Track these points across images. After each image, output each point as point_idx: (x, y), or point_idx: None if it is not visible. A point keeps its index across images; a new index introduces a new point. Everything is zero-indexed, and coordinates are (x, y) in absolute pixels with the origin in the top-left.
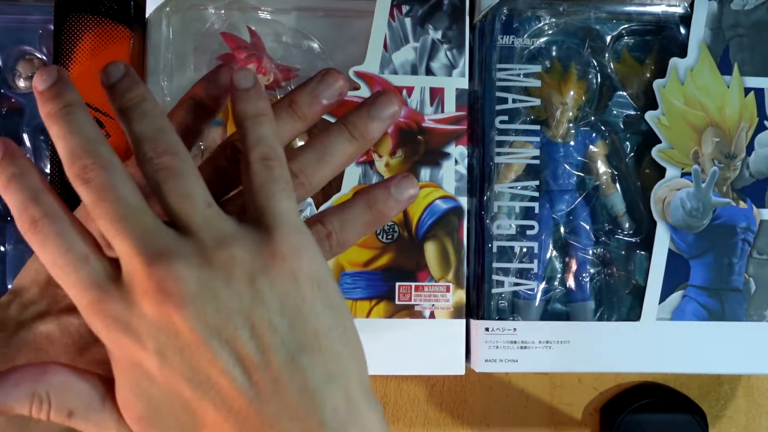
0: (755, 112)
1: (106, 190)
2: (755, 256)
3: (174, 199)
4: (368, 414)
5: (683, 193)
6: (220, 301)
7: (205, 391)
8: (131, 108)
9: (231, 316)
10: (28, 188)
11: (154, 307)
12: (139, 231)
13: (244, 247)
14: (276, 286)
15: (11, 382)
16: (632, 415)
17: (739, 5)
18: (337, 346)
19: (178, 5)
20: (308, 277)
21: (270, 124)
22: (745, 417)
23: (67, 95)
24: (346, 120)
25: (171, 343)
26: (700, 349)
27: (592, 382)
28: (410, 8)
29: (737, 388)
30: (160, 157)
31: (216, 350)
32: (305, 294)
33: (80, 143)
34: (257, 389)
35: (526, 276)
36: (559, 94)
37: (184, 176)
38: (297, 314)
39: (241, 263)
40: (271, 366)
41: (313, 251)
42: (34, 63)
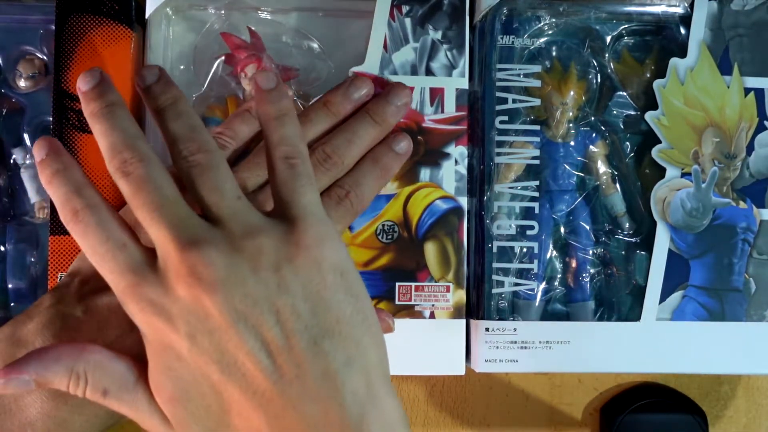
0: (755, 112)
1: (144, 182)
2: (755, 256)
3: (206, 192)
4: (387, 399)
5: (683, 193)
6: (248, 287)
7: (231, 373)
8: (166, 109)
9: (257, 301)
10: (70, 182)
11: (187, 291)
12: (174, 220)
13: (271, 237)
14: (300, 274)
15: (51, 357)
16: (632, 415)
17: (739, 5)
18: (358, 332)
19: (179, 6)
20: (331, 266)
21: (292, 124)
22: (745, 417)
23: (108, 95)
24: (368, 108)
25: (201, 325)
26: (700, 349)
27: (592, 382)
28: (410, 8)
29: (737, 388)
30: (193, 154)
31: (243, 334)
32: (328, 281)
33: (120, 139)
34: (281, 372)
35: (526, 276)
36: (559, 94)
37: (215, 171)
38: (319, 301)
39: (267, 252)
40: (294, 350)
41: (335, 241)
42: (34, 63)
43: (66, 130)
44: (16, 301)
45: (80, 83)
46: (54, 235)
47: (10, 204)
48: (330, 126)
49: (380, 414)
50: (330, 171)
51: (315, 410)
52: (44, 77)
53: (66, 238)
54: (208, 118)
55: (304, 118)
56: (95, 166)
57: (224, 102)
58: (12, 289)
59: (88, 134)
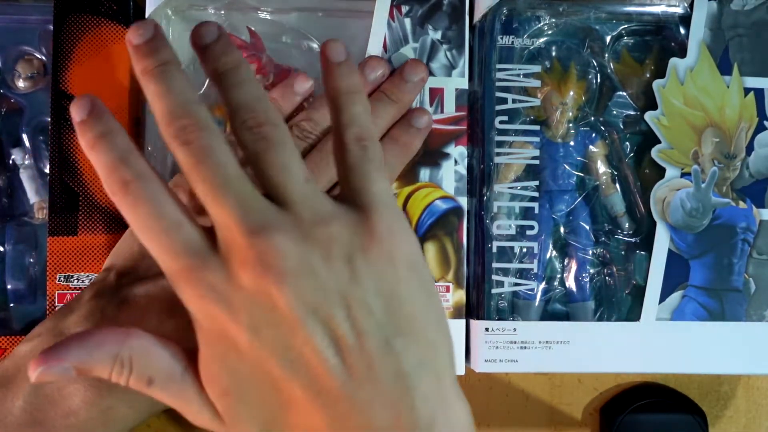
0: (755, 112)
1: (206, 154)
2: (755, 256)
3: (273, 171)
4: (457, 403)
5: (683, 193)
6: (319, 279)
7: (295, 369)
8: (228, 73)
9: (328, 295)
10: (117, 148)
11: (253, 280)
12: (240, 200)
13: (343, 226)
14: (373, 267)
15: (94, 342)
16: (632, 415)
17: (738, 5)
18: (430, 332)
19: (178, 6)
20: (404, 259)
21: (364, 102)
22: (745, 417)
23: (163, 52)
24: (384, 88)
25: (266, 317)
26: (700, 349)
27: (592, 382)
28: (410, 8)
29: (737, 388)
30: (260, 126)
31: (311, 329)
32: (401, 276)
33: (179, 103)
34: (350, 372)
35: (526, 276)
36: (559, 94)
37: (283, 148)
38: (392, 297)
39: (339, 242)
40: (365, 349)
41: (408, 233)
42: (33, 63)
43: (64, 130)
44: (15, 302)
45: (132, 36)
46: (53, 235)
47: (8, 204)
48: (393, 115)
49: (450, 419)
50: None
51: (384, 414)
52: (43, 77)
53: (65, 239)
54: None
55: (323, 102)
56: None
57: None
58: (11, 289)
59: None
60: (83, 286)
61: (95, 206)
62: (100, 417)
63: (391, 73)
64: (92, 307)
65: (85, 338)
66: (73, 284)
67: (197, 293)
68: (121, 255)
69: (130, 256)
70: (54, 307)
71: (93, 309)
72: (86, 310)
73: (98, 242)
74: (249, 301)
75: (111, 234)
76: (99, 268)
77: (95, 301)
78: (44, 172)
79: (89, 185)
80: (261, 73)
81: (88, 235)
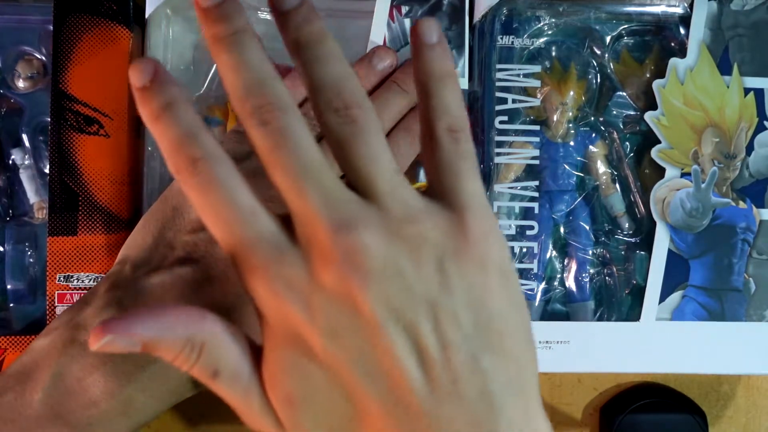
0: (755, 112)
1: (286, 137)
2: (755, 256)
3: (360, 160)
4: (542, 424)
5: (683, 193)
6: (406, 284)
7: (372, 379)
8: (311, 45)
9: (415, 301)
10: (185, 121)
11: (336, 280)
12: (323, 191)
13: (435, 226)
14: (464, 274)
15: (168, 320)
16: (632, 415)
17: (738, 5)
18: (518, 349)
19: (178, 6)
20: (496, 267)
21: (458, 89)
22: (745, 417)
23: (238, 18)
24: (395, 77)
25: (345, 322)
26: (699, 349)
27: (592, 382)
28: (410, 9)
29: (737, 388)
30: (348, 108)
31: (394, 337)
32: (492, 286)
33: (256, 78)
34: (432, 387)
35: (525, 276)
36: (559, 94)
37: (372, 135)
38: (482, 309)
39: (430, 243)
40: (450, 363)
41: (501, 237)
42: (33, 63)
43: (64, 130)
44: (15, 302)
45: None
46: (53, 235)
47: (8, 204)
48: (404, 105)
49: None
50: None
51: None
52: (43, 77)
53: (65, 239)
54: (208, 118)
55: None
56: (96, 167)
57: (224, 102)
58: (11, 290)
59: (86, 135)
60: (83, 286)
61: (95, 206)
62: (120, 407)
63: (401, 64)
64: (109, 298)
65: (160, 314)
66: (73, 284)
67: (272, 290)
68: (135, 246)
69: (144, 247)
70: (54, 307)
71: (110, 300)
72: (103, 302)
73: (98, 242)
74: (328, 302)
75: (111, 234)
76: (99, 267)
77: (112, 293)
78: (44, 172)
79: (89, 185)
80: None
81: (87, 235)
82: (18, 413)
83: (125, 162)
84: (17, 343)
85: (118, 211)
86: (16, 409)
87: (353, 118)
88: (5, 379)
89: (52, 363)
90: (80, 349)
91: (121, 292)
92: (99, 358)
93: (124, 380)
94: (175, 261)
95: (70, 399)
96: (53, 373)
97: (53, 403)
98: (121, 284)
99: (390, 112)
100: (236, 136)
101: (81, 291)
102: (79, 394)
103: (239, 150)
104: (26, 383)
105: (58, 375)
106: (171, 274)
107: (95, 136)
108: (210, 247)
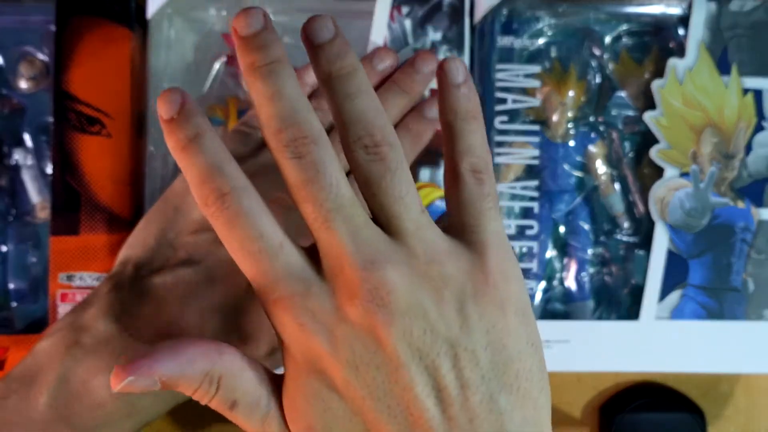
0: (753, 112)
1: (320, 173)
2: (754, 256)
3: (387, 198)
4: None
5: (682, 193)
6: (429, 323)
7: (392, 416)
8: (343, 80)
9: (436, 340)
10: (212, 153)
11: (361, 316)
12: (352, 228)
13: (458, 267)
14: (484, 315)
15: (186, 357)
16: (631, 414)
17: (737, 6)
18: (535, 389)
19: (180, 6)
20: (515, 309)
21: (482, 129)
22: (745, 417)
23: (274, 48)
24: (395, 78)
25: (368, 357)
26: (699, 349)
27: (592, 381)
28: (410, 9)
29: (736, 387)
30: (377, 146)
31: (414, 374)
32: (511, 327)
33: (291, 109)
34: (450, 425)
35: (525, 276)
36: (559, 94)
37: (400, 173)
38: (501, 350)
39: (452, 284)
40: (468, 402)
41: (519, 277)
42: (35, 64)
43: (66, 130)
44: (17, 301)
45: (239, 25)
46: (55, 235)
47: (11, 204)
48: (404, 106)
49: None
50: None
51: None
52: (45, 78)
53: (67, 238)
54: (209, 118)
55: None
56: (98, 167)
57: (225, 102)
58: (13, 289)
59: (88, 135)
60: (85, 285)
61: (97, 206)
62: (125, 408)
63: (401, 65)
64: (111, 299)
65: (178, 351)
66: (75, 284)
67: (297, 322)
68: (136, 247)
69: (146, 248)
70: (56, 307)
71: (112, 302)
72: (105, 303)
73: (100, 242)
74: (352, 336)
75: (112, 234)
76: (101, 267)
77: (114, 294)
78: (46, 172)
79: (91, 185)
80: None
81: (89, 234)
82: (23, 416)
83: (127, 162)
84: (19, 342)
85: (119, 210)
86: (21, 412)
87: (382, 156)
88: (9, 382)
89: (56, 365)
90: (84, 352)
91: (124, 294)
92: (103, 360)
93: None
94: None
95: (76, 401)
96: (58, 376)
97: (58, 406)
98: (123, 285)
99: (391, 112)
100: (237, 135)
101: (83, 290)
102: (84, 397)
103: (241, 150)
104: (30, 386)
105: (62, 378)
106: (173, 275)
107: (97, 136)
108: (212, 249)
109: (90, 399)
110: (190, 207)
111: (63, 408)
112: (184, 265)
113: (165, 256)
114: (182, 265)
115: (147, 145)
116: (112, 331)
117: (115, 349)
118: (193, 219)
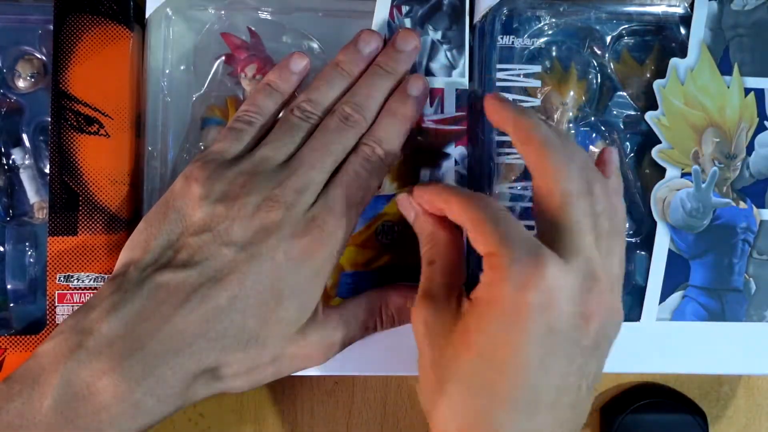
0: (755, 112)
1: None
2: (755, 257)
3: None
4: None
5: (683, 193)
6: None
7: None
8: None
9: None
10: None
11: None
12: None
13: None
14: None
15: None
16: (632, 415)
17: (739, 5)
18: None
19: (179, 6)
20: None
21: (584, 156)
22: (745, 417)
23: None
24: (378, 61)
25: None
26: (700, 350)
27: None
28: (410, 9)
29: (737, 388)
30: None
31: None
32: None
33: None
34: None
35: None
36: (559, 94)
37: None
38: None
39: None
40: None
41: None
42: (33, 63)
43: (64, 130)
44: (15, 302)
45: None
46: (53, 235)
47: (9, 204)
48: (347, 86)
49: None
50: (354, 128)
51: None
52: (43, 77)
53: (65, 238)
54: (208, 118)
55: (321, 82)
56: (96, 167)
57: (224, 102)
58: (11, 289)
59: (86, 135)
60: (83, 286)
61: (95, 206)
62: (130, 411)
63: (386, 46)
64: (115, 301)
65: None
66: (73, 284)
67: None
68: (138, 248)
69: (148, 249)
70: (54, 307)
71: (116, 303)
72: (109, 305)
73: (98, 242)
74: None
75: (111, 234)
76: (100, 267)
77: (117, 295)
78: (44, 172)
79: (89, 185)
80: (261, 73)
81: (88, 234)
82: (27, 419)
83: (126, 162)
84: (17, 343)
85: (118, 211)
86: (25, 415)
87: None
88: (11, 384)
89: (59, 368)
90: (88, 354)
91: (126, 295)
92: (108, 362)
93: (134, 384)
94: (179, 263)
95: (80, 404)
96: (62, 379)
97: (64, 410)
98: (126, 287)
99: (377, 95)
100: (232, 132)
101: (81, 291)
102: (89, 399)
103: (236, 147)
104: (34, 389)
105: (67, 380)
106: (176, 276)
107: (95, 135)
108: (214, 249)
109: (95, 401)
110: (191, 208)
111: (68, 411)
112: (186, 266)
113: (167, 257)
114: (184, 266)
115: (146, 144)
116: (116, 333)
117: (119, 351)
118: (194, 220)
